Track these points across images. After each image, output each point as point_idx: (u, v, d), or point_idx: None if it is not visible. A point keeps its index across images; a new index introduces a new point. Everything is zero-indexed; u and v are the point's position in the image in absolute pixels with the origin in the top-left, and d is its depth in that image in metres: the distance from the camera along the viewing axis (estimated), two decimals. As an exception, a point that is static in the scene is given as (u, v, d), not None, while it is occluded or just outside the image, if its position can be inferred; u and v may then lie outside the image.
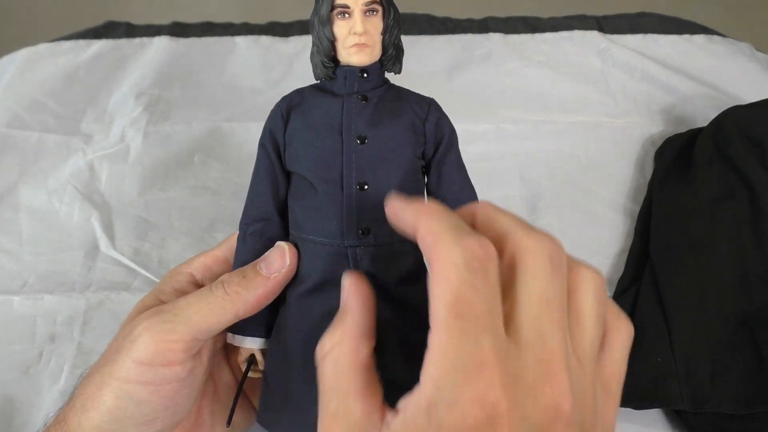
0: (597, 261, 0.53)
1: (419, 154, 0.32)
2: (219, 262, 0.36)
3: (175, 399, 0.30)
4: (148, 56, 0.72)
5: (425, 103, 0.32)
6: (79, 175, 0.59)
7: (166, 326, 0.29)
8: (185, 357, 0.30)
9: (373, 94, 0.31)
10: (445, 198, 0.32)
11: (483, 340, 0.21)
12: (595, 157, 0.61)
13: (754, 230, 0.49)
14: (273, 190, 0.33)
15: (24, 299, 0.49)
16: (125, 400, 0.29)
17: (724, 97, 0.66)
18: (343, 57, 0.31)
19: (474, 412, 0.20)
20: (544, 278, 0.23)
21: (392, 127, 0.31)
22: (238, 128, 0.63)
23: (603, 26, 0.76)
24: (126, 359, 0.29)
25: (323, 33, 0.31)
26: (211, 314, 0.30)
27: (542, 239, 0.24)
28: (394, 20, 0.31)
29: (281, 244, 0.31)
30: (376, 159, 0.30)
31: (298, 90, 0.33)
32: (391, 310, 0.30)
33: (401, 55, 0.33)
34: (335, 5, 0.30)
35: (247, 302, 0.30)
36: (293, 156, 0.32)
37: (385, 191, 0.30)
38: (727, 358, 0.42)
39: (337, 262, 0.30)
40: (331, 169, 0.30)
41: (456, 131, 0.33)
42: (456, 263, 0.22)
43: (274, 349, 0.32)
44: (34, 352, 0.46)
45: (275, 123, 0.32)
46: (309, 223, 0.31)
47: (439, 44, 0.74)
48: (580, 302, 0.24)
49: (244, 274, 0.31)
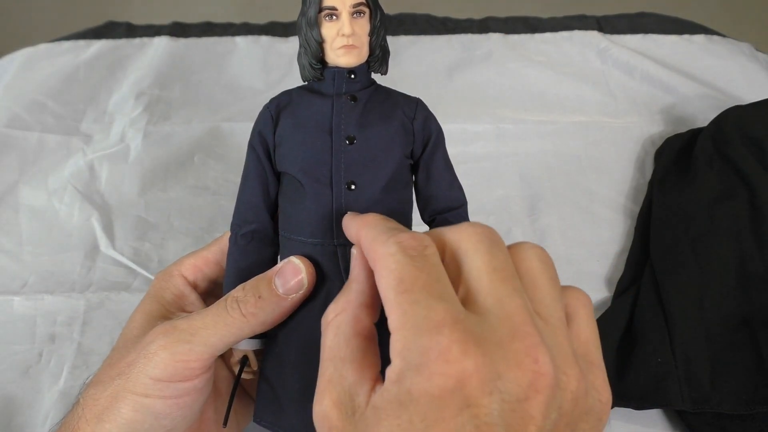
0: (597, 261, 0.53)
1: (408, 154, 0.32)
2: (209, 264, 0.36)
3: (193, 407, 0.31)
4: (148, 56, 0.72)
5: (413, 103, 0.33)
6: (79, 175, 0.59)
7: (184, 346, 0.29)
8: (202, 372, 0.30)
9: (361, 94, 0.32)
10: (435, 195, 0.33)
11: (435, 304, 0.21)
12: (595, 157, 0.61)
13: (754, 230, 0.49)
14: (263, 191, 0.33)
15: (24, 299, 0.49)
16: (144, 413, 0.29)
17: (724, 98, 0.66)
18: (331, 58, 0.31)
19: (440, 370, 0.20)
20: (485, 251, 0.23)
21: (381, 127, 0.31)
22: (237, 128, 0.63)
23: (603, 26, 0.76)
24: (142, 375, 0.29)
25: (311, 35, 0.31)
26: (228, 335, 0.30)
27: (473, 225, 0.24)
28: (381, 22, 0.31)
29: (295, 261, 0.30)
30: (365, 159, 0.31)
31: (286, 91, 0.33)
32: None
33: (387, 56, 0.33)
34: (323, 7, 0.30)
35: (264, 323, 0.30)
36: (283, 156, 0.32)
37: (372, 191, 0.30)
38: (727, 358, 0.42)
39: (328, 262, 0.30)
40: (320, 169, 0.31)
41: (443, 130, 0.33)
42: (392, 252, 0.23)
43: (269, 349, 0.32)
44: (34, 353, 0.46)
45: (264, 124, 0.32)
46: (298, 223, 0.31)
47: (439, 44, 0.74)
48: (529, 268, 0.24)
49: (260, 293, 0.30)
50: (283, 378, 0.31)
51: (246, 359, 0.33)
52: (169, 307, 0.34)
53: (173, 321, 0.31)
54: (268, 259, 0.33)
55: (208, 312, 0.31)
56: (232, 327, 0.30)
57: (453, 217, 0.32)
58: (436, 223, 0.33)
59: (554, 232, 0.55)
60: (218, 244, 0.36)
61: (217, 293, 0.35)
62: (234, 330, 0.30)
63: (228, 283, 0.32)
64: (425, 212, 0.33)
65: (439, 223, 0.33)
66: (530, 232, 0.55)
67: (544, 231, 0.55)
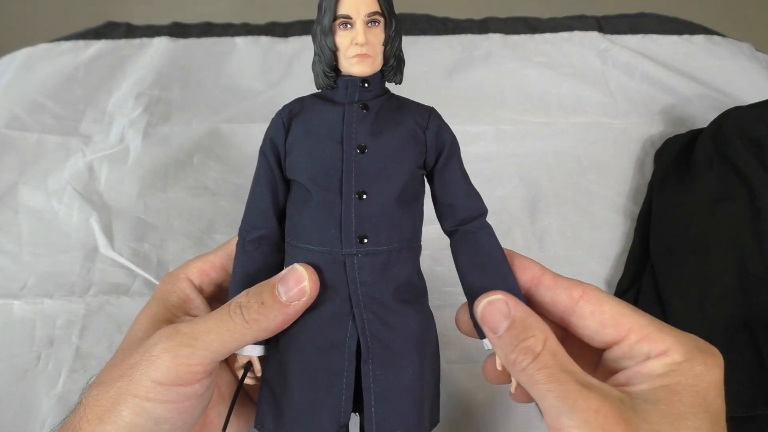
0: (596, 262, 0.53)
1: (420, 164, 0.32)
2: (216, 269, 0.36)
3: (193, 413, 0.31)
4: (147, 57, 0.72)
5: (426, 112, 0.33)
6: (78, 176, 0.59)
7: (186, 350, 0.29)
8: (203, 377, 0.30)
9: (373, 103, 0.32)
10: (453, 205, 0.32)
11: None
12: (595, 157, 0.61)
13: (754, 231, 0.49)
14: (273, 197, 0.33)
15: (23, 303, 0.48)
16: (144, 417, 0.29)
17: (724, 98, 0.66)
18: (344, 67, 0.31)
19: None
20: None
21: (393, 136, 0.31)
22: (237, 129, 0.63)
23: (603, 27, 0.76)
24: (144, 378, 0.29)
25: (325, 43, 0.31)
26: (230, 341, 0.30)
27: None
28: (396, 31, 0.31)
29: (299, 268, 0.30)
30: (376, 168, 0.31)
31: (299, 98, 0.33)
32: (380, 325, 0.30)
33: (402, 65, 0.33)
34: (338, 16, 0.30)
35: (267, 330, 0.30)
36: (293, 164, 0.32)
37: (385, 200, 0.30)
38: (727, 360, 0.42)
39: (334, 270, 0.30)
40: (330, 177, 0.30)
41: (457, 140, 0.33)
42: None
43: (272, 357, 0.32)
44: (32, 356, 0.46)
45: (276, 131, 0.32)
46: (306, 231, 0.31)
47: (439, 44, 0.74)
48: None
49: (263, 299, 0.30)
50: (285, 385, 0.31)
51: (250, 365, 0.33)
52: (174, 310, 0.34)
53: (176, 325, 0.31)
54: (275, 265, 0.33)
55: (211, 317, 0.30)
56: (234, 332, 0.30)
57: (476, 227, 0.32)
58: (459, 235, 0.32)
59: (554, 232, 0.55)
60: (226, 248, 0.36)
61: (222, 298, 0.35)
62: (236, 335, 0.30)
63: (234, 288, 0.32)
64: (445, 222, 0.33)
65: (462, 234, 0.32)
66: (530, 232, 0.55)
67: (544, 231, 0.55)
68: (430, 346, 0.32)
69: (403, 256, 0.31)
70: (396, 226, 0.31)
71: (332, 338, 0.30)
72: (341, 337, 0.30)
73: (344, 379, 0.30)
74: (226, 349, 0.30)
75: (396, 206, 0.31)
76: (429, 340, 0.32)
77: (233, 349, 0.31)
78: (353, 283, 0.30)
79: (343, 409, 0.30)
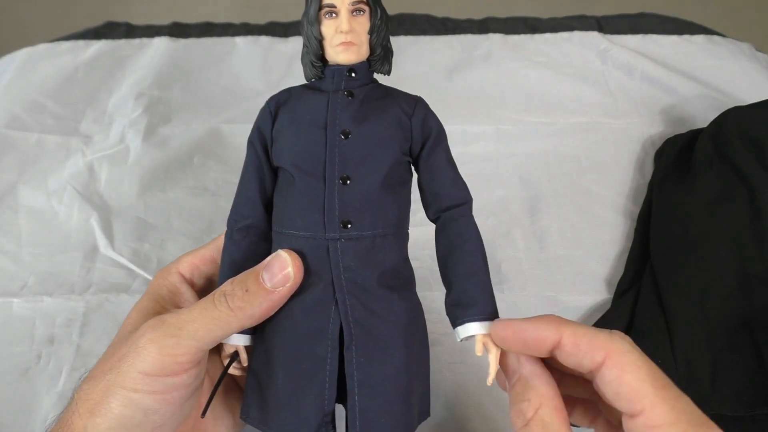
0: (596, 262, 0.53)
1: (405, 150, 0.32)
2: (206, 262, 0.36)
3: (182, 403, 0.31)
4: (147, 57, 0.72)
5: (412, 100, 0.33)
6: (78, 176, 0.59)
7: (171, 340, 0.29)
8: (191, 366, 0.30)
9: (359, 91, 0.32)
10: (438, 193, 0.33)
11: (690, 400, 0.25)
12: (594, 158, 0.61)
13: (754, 231, 0.49)
14: (260, 187, 0.33)
15: (23, 301, 0.48)
16: (133, 409, 0.29)
17: (724, 98, 0.66)
18: (330, 56, 0.32)
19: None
20: None
21: (377, 123, 0.31)
22: (237, 129, 0.63)
23: (603, 27, 0.76)
24: (131, 370, 0.29)
25: (311, 32, 0.31)
26: (216, 329, 0.30)
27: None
28: (382, 20, 0.32)
29: (282, 254, 0.30)
30: (360, 154, 0.31)
31: (287, 89, 0.34)
32: (364, 311, 0.30)
33: (390, 56, 0.33)
34: (323, 5, 0.31)
35: (252, 317, 0.30)
36: (279, 151, 0.32)
37: (369, 186, 0.31)
38: (727, 360, 0.42)
39: (318, 256, 0.30)
40: (314, 163, 0.31)
41: (444, 128, 0.33)
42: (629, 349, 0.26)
43: (258, 346, 0.32)
44: (33, 354, 0.46)
45: (263, 120, 0.33)
46: (291, 217, 0.31)
47: (439, 44, 0.74)
48: None
49: (247, 287, 0.30)
50: (269, 373, 0.31)
51: (236, 354, 0.33)
52: (164, 303, 0.34)
53: (162, 316, 0.31)
54: (262, 254, 0.33)
55: (196, 306, 0.31)
56: (219, 321, 0.30)
57: (457, 215, 0.32)
58: (441, 221, 0.33)
59: (554, 232, 0.55)
60: (216, 242, 0.36)
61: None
62: (221, 324, 0.30)
63: (222, 277, 0.33)
64: (430, 210, 0.33)
65: (444, 221, 0.32)
66: (530, 232, 0.55)
67: (544, 232, 0.55)
68: (418, 336, 0.32)
69: (388, 242, 0.31)
70: (381, 211, 0.31)
71: (316, 324, 0.30)
72: (324, 323, 0.30)
73: (327, 366, 0.30)
74: (212, 338, 0.30)
75: (380, 192, 0.31)
76: (416, 330, 0.32)
77: (219, 338, 0.31)
78: (336, 268, 0.30)
79: (327, 397, 0.30)
